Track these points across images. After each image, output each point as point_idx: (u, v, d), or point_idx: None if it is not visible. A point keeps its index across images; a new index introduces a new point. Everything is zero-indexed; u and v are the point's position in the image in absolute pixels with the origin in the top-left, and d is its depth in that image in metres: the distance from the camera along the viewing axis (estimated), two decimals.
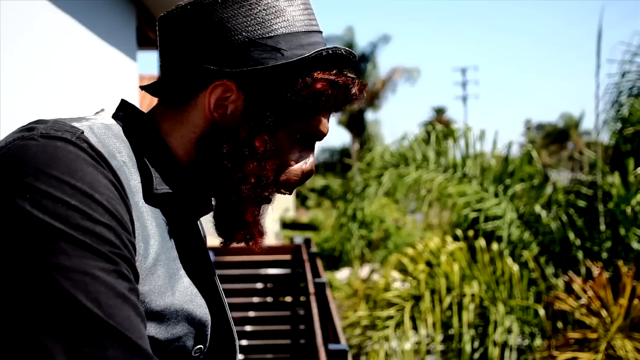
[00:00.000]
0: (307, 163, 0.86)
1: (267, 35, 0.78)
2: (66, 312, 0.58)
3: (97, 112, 0.83)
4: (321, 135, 0.86)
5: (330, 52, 0.79)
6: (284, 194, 0.87)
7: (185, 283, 0.78)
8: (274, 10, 0.79)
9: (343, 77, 0.82)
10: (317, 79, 0.79)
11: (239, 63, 0.77)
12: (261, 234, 0.86)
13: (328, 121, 0.86)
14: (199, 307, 0.79)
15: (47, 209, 0.61)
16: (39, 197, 0.61)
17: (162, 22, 0.83)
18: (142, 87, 0.86)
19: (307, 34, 0.81)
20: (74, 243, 0.60)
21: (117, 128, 0.79)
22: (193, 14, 0.79)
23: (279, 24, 0.79)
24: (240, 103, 0.79)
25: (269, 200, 0.85)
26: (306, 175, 0.87)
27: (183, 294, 0.77)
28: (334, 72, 0.81)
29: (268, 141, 0.80)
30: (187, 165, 0.82)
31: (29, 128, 0.69)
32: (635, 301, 4.06)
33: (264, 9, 0.78)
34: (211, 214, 0.87)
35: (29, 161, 0.63)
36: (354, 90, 0.83)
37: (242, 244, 0.87)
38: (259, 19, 0.78)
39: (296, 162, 0.85)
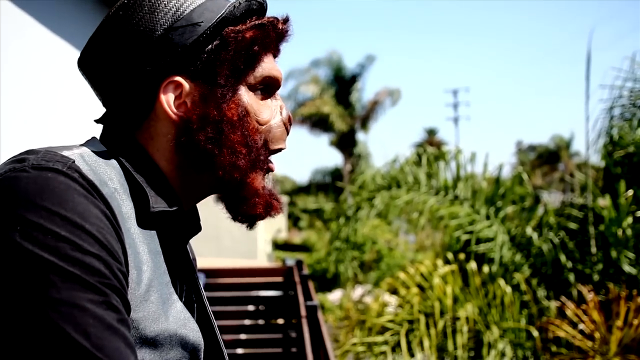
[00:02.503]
0: (282, 113, 0.89)
1: (179, 18, 0.80)
2: (55, 345, 0.58)
3: (87, 140, 0.83)
4: (277, 80, 0.88)
5: (240, 2, 0.83)
6: (280, 150, 0.88)
7: (178, 307, 0.78)
8: None
9: (265, 18, 0.86)
10: (244, 30, 0.83)
11: (168, 54, 0.79)
12: (277, 200, 0.88)
13: (276, 64, 0.88)
14: (192, 332, 0.79)
15: (37, 240, 0.60)
16: (29, 229, 0.61)
17: (83, 61, 0.84)
18: (97, 121, 0.87)
19: (212, 1, 0.83)
20: (62, 275, 0.60)
21: (107, 154, 0.79)
22: (107, 38, 0.81)
23: (184, 5, 0.81)
24: (194, 90, 0.81)
25: (268, 163, 0.87)
26: (287, 122, 0.89)
27: (176, 318, 0.76)
28: (254, 18, 0.85)
29: (237, 107, 0.82)
30: (174, 175, 0.83)
31: (20, 159, 0.68)
32: (635, 321, 4.06)
33: (163, 1, 0.80)
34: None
35: (20, 193, 0.63)
36: (280, 25, 0.87)
37: (263, 217, 0.87)
38: (164, 10, 0.80)
39: (272, 116, 0.87)
